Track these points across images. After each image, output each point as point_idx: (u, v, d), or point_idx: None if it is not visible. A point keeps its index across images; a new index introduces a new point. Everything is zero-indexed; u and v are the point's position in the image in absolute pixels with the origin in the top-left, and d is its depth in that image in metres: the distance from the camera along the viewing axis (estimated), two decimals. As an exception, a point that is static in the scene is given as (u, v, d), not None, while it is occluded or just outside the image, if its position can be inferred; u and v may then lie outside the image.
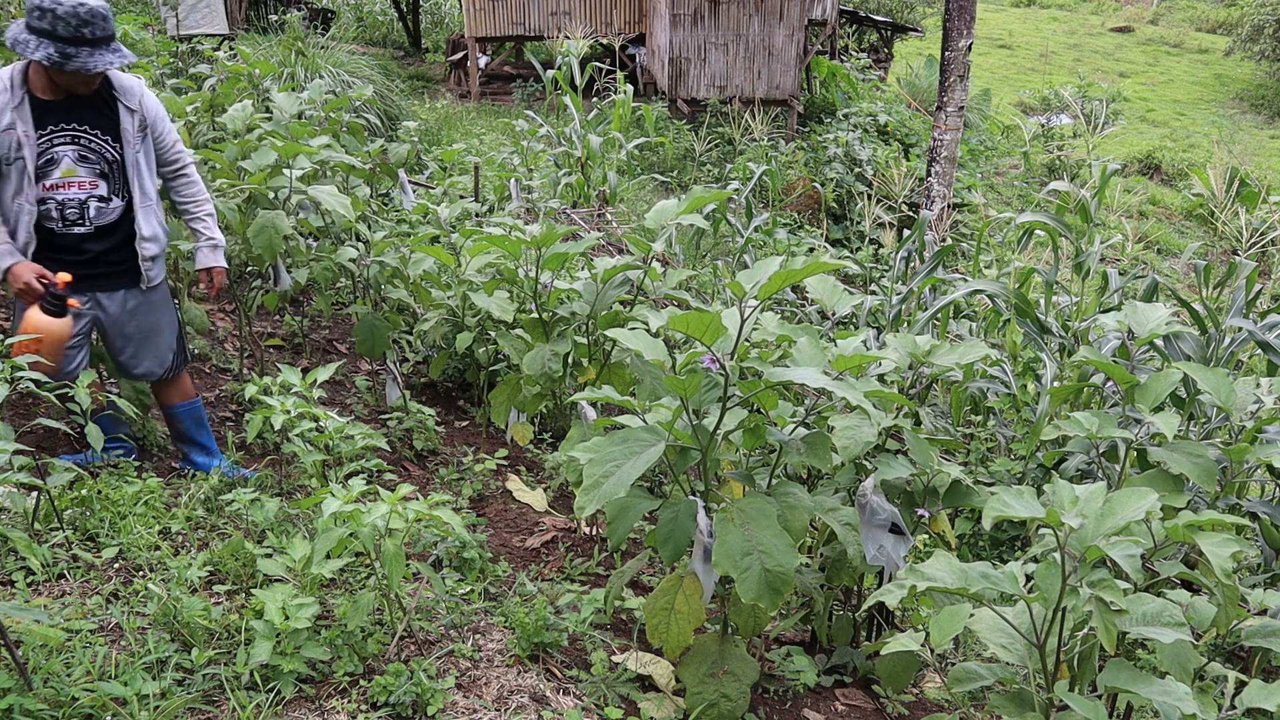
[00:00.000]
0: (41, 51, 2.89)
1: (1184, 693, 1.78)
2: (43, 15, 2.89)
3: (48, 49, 2.89)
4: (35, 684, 2.06)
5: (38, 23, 2.90)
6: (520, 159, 7.70)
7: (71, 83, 3.02)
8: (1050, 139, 15.45)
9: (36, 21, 2.90)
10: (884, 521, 2.53)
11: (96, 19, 2.93)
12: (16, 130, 2.99)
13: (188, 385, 3.54)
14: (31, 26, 2.91)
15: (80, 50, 2.93)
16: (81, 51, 2.93)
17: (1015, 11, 29.02)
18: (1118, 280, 4.73)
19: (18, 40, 2.92)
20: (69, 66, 2.91)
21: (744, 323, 2.24)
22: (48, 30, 2.89)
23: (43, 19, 2.89)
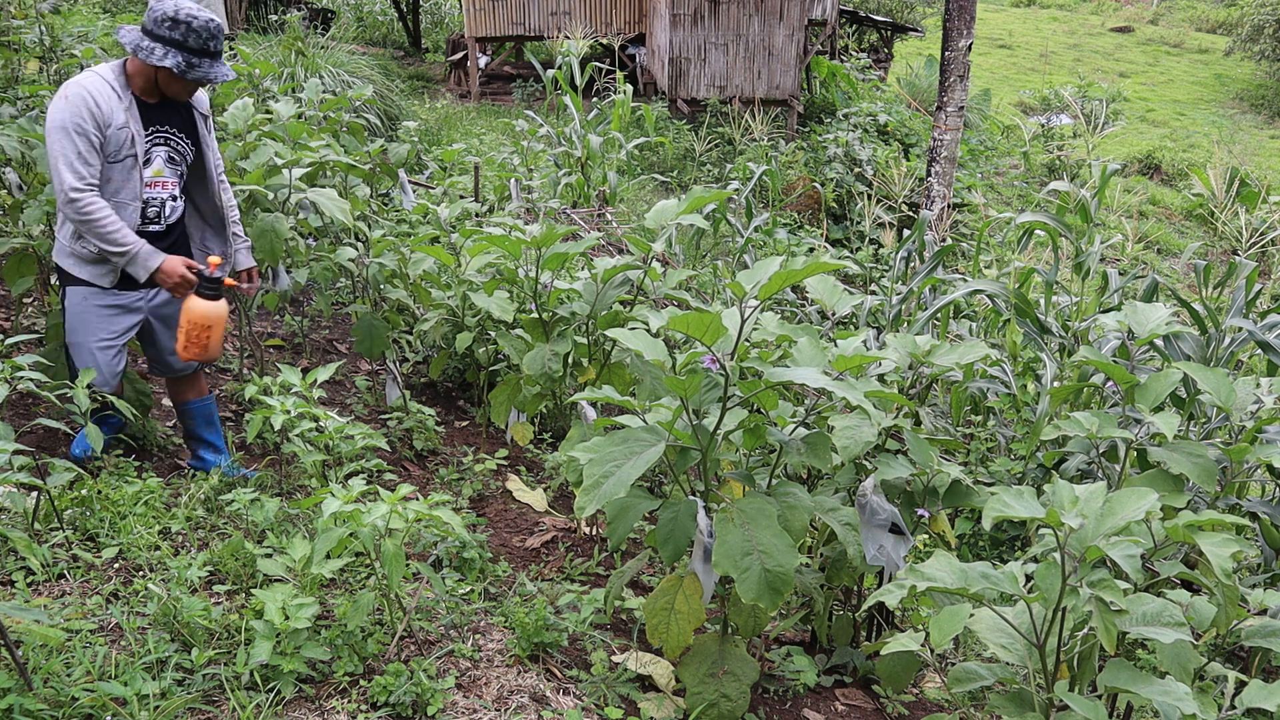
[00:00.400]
0: (171, 59, 3.01)
1: (1184, 693, 1.78)
2: (175, 26, 3.01)
3: (176, 57, 3.02)
4: (35, 684, 2.06)
5: (168, 32, 3.01)
6: (520, 159, 7.70)
7: (178, 90, 3.13)
8: (1050, 139, 15.45)
9: (168, 31, 3.01)
10: (884, 521, 2.53)
11: (220, 35, 3.11)
12: (130, 128, 3.07)
13: (202, 382, 3.56)
14: (158, 35, 3.01)
15: (204, 61, 3.08)
16: (204, 62, 3.08)
17: (1015, 11, 29.02)
18: (1118, 280, 4.73)
19: (140, 46, 3.01)
20: (191, 75, 3.05)
21: (744, 323, 2.24)
22: (178, 41, 3.02)
23: (174, 29, 3.01)
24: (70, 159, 2.95)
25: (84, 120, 2.96)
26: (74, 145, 2.95)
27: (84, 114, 2.96)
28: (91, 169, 2.99)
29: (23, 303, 4.11)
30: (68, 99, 2.96)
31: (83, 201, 2.96)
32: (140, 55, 3.01)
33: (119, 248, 3.04)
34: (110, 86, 3.04)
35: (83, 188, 2.97)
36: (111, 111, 3.02)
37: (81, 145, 2.96)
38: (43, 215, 3.46)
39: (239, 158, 3.86)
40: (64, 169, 2.95)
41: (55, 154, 2.96)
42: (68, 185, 2.95)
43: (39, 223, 3.54)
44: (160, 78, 3.10)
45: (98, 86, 3.01)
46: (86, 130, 2.96)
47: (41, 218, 3.47)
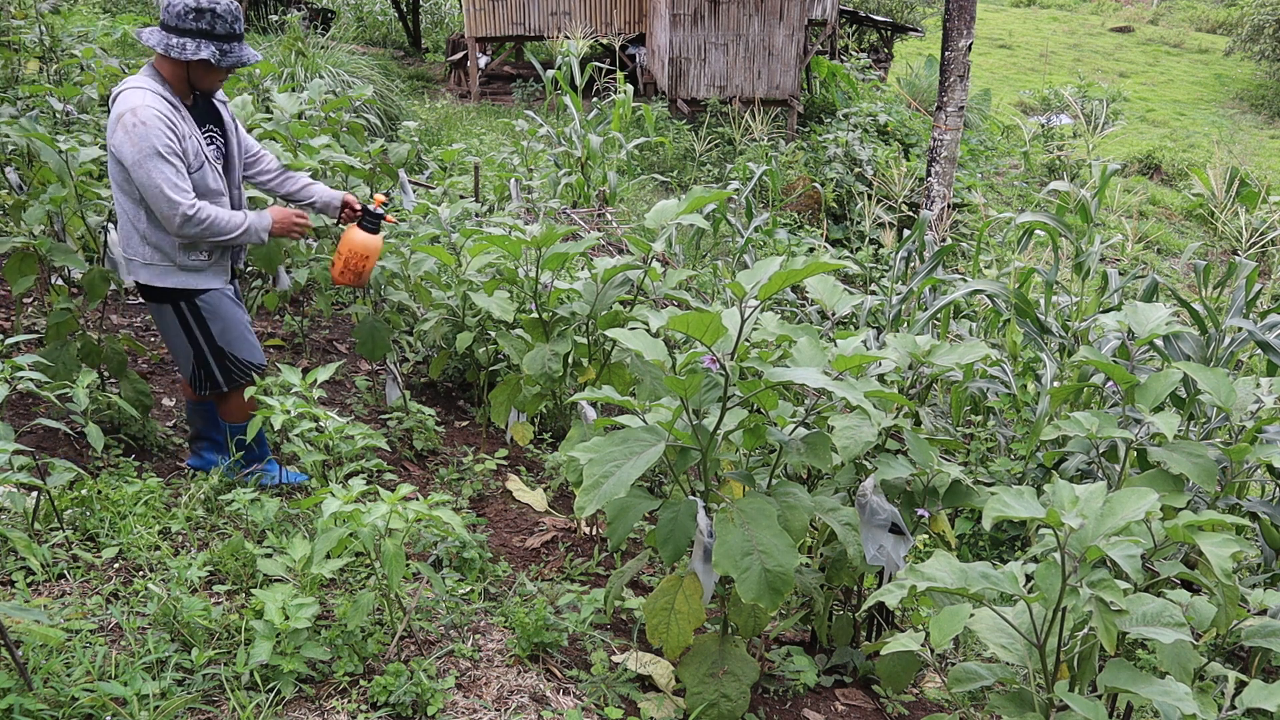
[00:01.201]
0: (206, 50, 2.98)
1: (1184, 693, 1.78)
2: (200, 15, 2.97)
3: (210, 48, 2.99)
4: (35, 684, 2.06)
5: (194, 23, 2.98)
6: (520, 159, 7.70)
7: (212, 81, 3.13)
8: (1050, 139, 15.45)
9: (193, 23, 2.97)
10: (884, 521, 2.53)
11: (241, 16, 3.09)
12: (193, 136, 3.09)
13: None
14: (184, 29, 2.98)
15: (234, 45, 3.06)
16: (235, 46, 3.06)
17: (1015, 11, 29.01)
18: (1118, 280, 4.73)
19: (171, 44, 2.98)
20: (226, 62, 3.03)
21: (744, 323, 2.24)
22: (206, 30, 2.99)
23: (200, 19, 2.98)
24: (173, 181, 2.96)
25: (171, 141, 2.97)
26: (170, 166, 2.96)
27: (168, 135, 2.96)
28: (188, 183, 3.03)
29: (23, 303, 4.11)
30: (145, 124, 2.92)
31: (199, 213, 3.01)
32: (173, 54, 2.97)
33: (237, 230, 3.13)
34: (166, 100, 3.02)
35: (195, 202, 3.01)
36: (179, 124, 3.03)
37: (177, 164, 2.98)
38: (44, 215, 3.46)
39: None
40: (170, 193, 2.95)
41: (156, 182, 2.94)
42: (182, 206, 2.97)
43: (40, 222, 3.54)
44: (194, 73, 3.07)
45: (160, 105, 2.98)
46: (175, 149, 2.98)
47: (43, 217, 3.47)
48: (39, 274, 3.71)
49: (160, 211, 2.99)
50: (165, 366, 4.44)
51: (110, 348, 3.48)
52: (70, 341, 3.39)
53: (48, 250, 3.42)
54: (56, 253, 3.43)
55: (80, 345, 3.42)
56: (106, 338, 3.49)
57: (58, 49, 5.77)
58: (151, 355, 4.44)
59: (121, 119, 2.93)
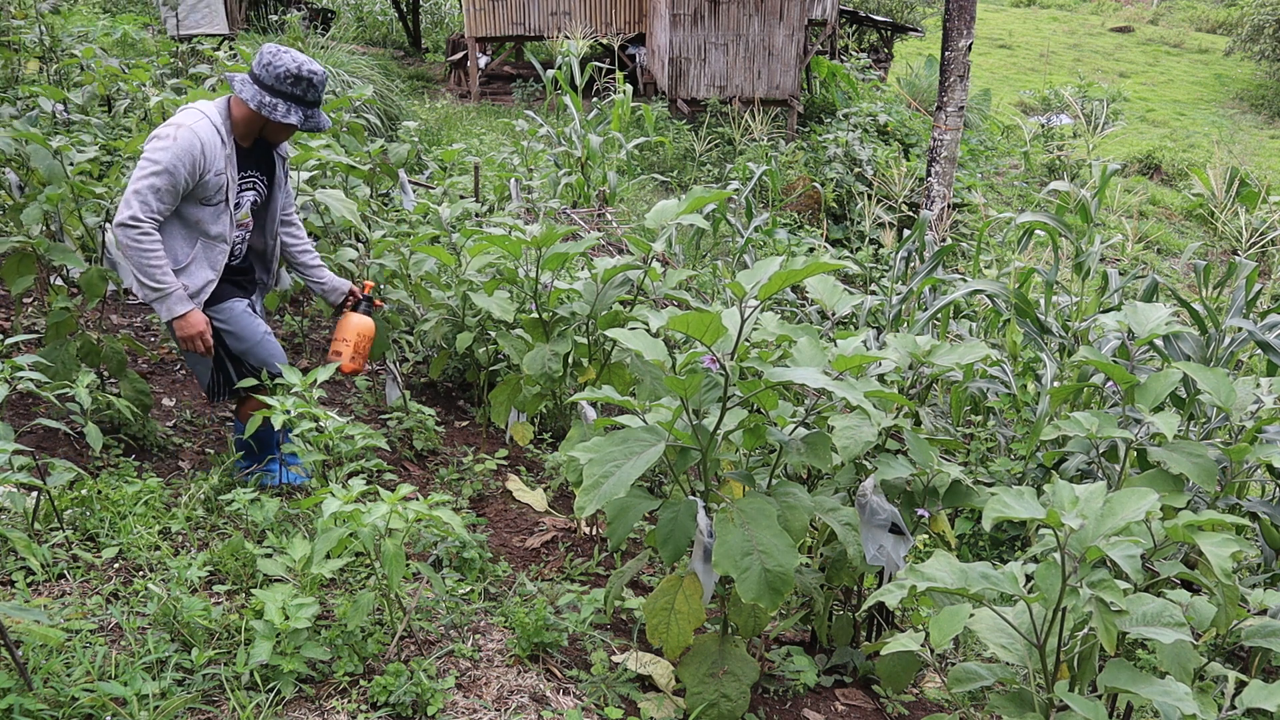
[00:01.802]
0: (295, 116, 3.12)
1: (1184, 693, 1.78)
2: (297, 83, 3.10)
3: (299, 114, 3.13)
4: (35, 684, 2.06)
5: (290, 88, 3.10)
6: (520, 159, 7.70)
7: (282, 137, 3.26)
8: (1050, 139, 15.45)
9: (289, 87, 3.10)
10: (884, 521, 2.53)
11: (325, 81, 3.21)
12: (226, 174, 3.14)
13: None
14: (280, 90, 3.10)
15: (316, 112, 3.20)
16: (316, 113, 3.20)
17: (1015, 11, 29.02)
18: (1118, 280, 4.73)
19: (264, 103, 3.09)
20: (307, 126, 3.16)
21: (744, 323, 2.24)
22: (299, 96, 3.12)
23: (297, 85, 3.11)
24: (145, 192, 2.98)
25: (182, 165, 3.00)
26: (159, 181, 2.99)
27: (186, 161, 3.00)
28: (163, 207, 3.03)
29: (22, 303, 4.11)
30: (175, 141, 2.99)
31: (139, 231, 3.00)
32: (264, 112, 3.08)
33: (155, 284, 3.06)
34: (218, 133, 3.10)
35: (145, 220, 3.00)
36: (215, 159, 3.08)
37: (164, 183, 3.00)
38: (42, 215, 3.46)
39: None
40: (134, 197, 2.98)
41: (138, 179, 2.98)
42: (132, 211, 2.98)
43: (38, 223, 3.54)
44: (270, 128, 3.19)
45: (208, 135, 3.05)
46: (179, 176, 3.01)
47: (41, 217, 3.47)
48: (38, 274, 3.70)
49: (122, 206, 3.01)
50: (165, 366, 4.44)
51: (110, 347, 3.48)
52: (70, 341, 3.39)
53: (46, 250, 3.42)
54: (55, 252, 3.43)
55: (80, 345, 3.42)
56: (106, 338, 3.49)
57: (58, 49, 5.78)
58: (151, 355, 4.44)
59: (167, 124, 3.05)
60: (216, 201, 3.15)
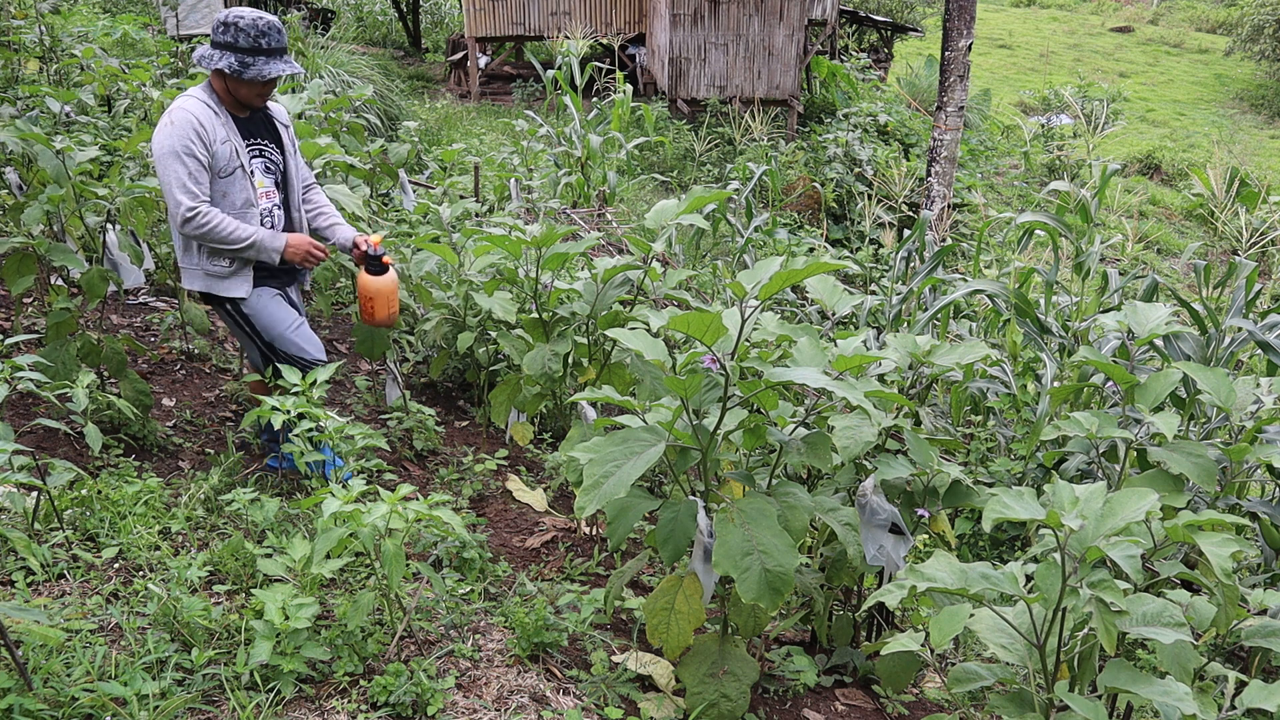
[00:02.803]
0: (224, 61, 3.13)
1: (1184, 693, 1.78)
2: (226, 29, 3.12)
3: (229, 58, 3.14)
4: (35, 684, 2.06)
5: (221, 36, 3.14)
6: (520, 159, 7.70)
7: (248, 95, 3.24)
8: (1050, 139, 15.45)
9: (220, 36, 3.14)
10: (884, 521, 2.53)
11: (272, 31, 3.17)
12: (231, 141, 3.22)
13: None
14: (215, 41, 3.16)
15: (257, 59, 3.16)
16: (258, 60, 3.16)
17: (1015, 11, 29.01)
18: (1118, 280, 4.73)
19: (203, 56, 3.17)
20: (246, 74, 3.14)
21: (744, 323, 2.24)
22: (230, 43, 3.13)
23: (225, 33, 3.13)
24: (182, 180, 3.10)
25: (191, 142, 3.10)
26: (184, 167, 3.10)
27: (191, 136, 3.10)
28: (202, 187, 3.15)
29: (22, 303, 4.11)
30: (173, 124, 3.11)
31: (198, 216, 3.13)
32: (202, 65, 3.17)
33: (243, 242, 3.20)
34: (207, 105, 3.19)
35: (196, 205, 3.12)
36: (214, 128, 3.17)
37: (191, 166, 3.11)
38: (43, 215, 3.45)
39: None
40: (177, 192, 3.10)
41: (168, 179, 3.11)
42: (183, 206, 3.11)
43: (39, 223, 3.54)
44: (229, 85, 3.22)
45: (197, 108, 3.16)
46: (194, 151, 3.11)
47: (42, 217, 3.47)
48: (38, 274, 3.70)
49: (169, 209, 3.14)
50: (165, 366, 4.44)
51: (110, 348, 3.48)
52: (70, 341, 3.39)
53: (46, 250, 3.42)
54: (55, 253, 3.43)
55: (80, 345, 3.42)
56: (106, 338, 3.49)
57: (58, 49, 5.78)
58: (151, 355, 4.44)
59: (161, 119, 3.14)
60: (232, 170, 3.22)
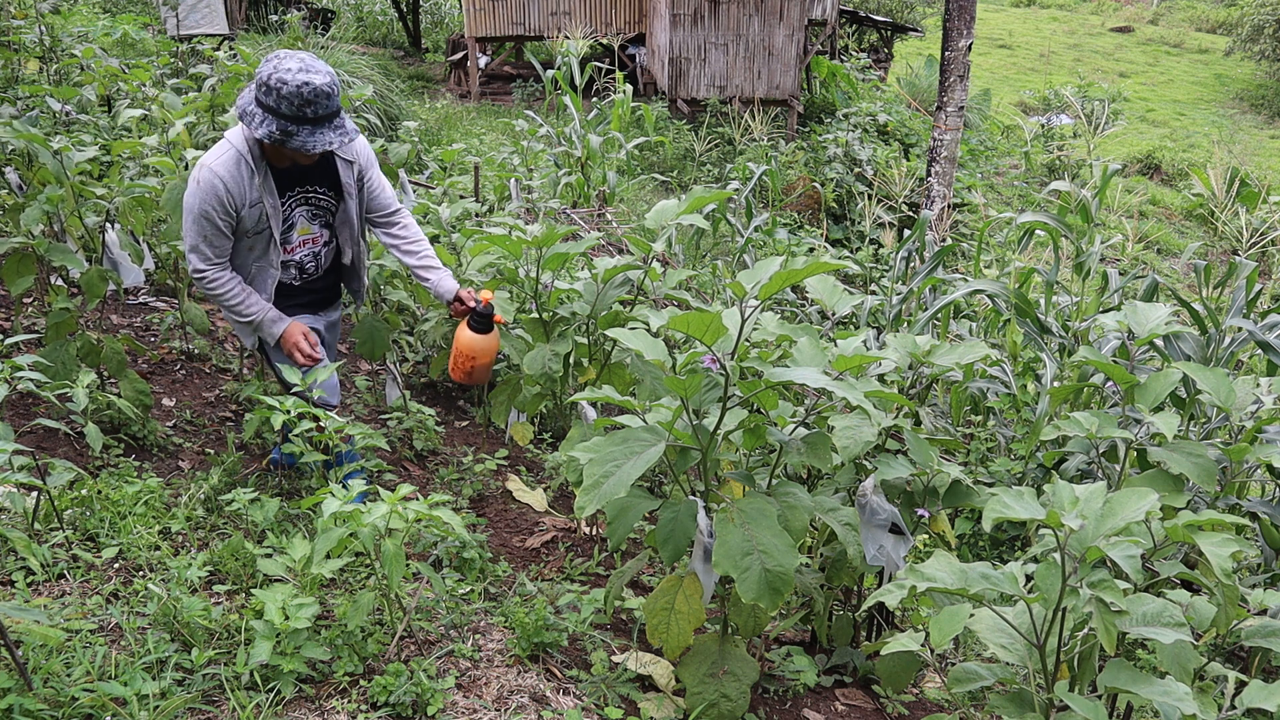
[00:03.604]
0: (263, 129, 2.85)
1: (1184, 693, 1.78)
2: (268, 92, 2.84)
3: (270, 126, 2.85)
4: (35, 684, 2.06)
5: (264, 98, 2.85)
6: (520, 159, 7.69)
7: (289, 159, 3.04)
8: (1050, 139, 15.45)
9: (263, 97, 2.85)
10: (884, 521, 2.53)
11: (320, 99, 2.85)
12: (264, 203, 3.05)
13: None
14: (260, 100, 2.87)
15: (301, 129, 2.87)
16: (302, 130, 2.87)
17: (1015, 11, 29.01)
18: (1118, 280, 4.73)
19: (245, 112, 2.89)
20: (289, 145, 2.87)
21: (744, 323, 2.24)
22: (272, 107, 2.84)
23: (268, 96, 2.84)
24: (196, 243, 3.03)
25: (212, 209, 2.96)
26: (201, 230, 3.00)
27: (213, 202, 2.95)
28: (217, 249, 3.05)
29: (22, 303, 4.11)
30: (199, 184, 2.94)
31: (207, 280, 3.08)
32: (244, 122, 2.89)
33: (244, 317, 3.15)
34: (242, 163, 2.97)
35: (205, 269, 3.06)
36: (242, 194, 2.98)
37: (209, 230, 3.00)
38: (42, 215, 3.46)
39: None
40: (191, 254, 3.05)
41: (186, 234, 3.04)
42: (194, 267, 3.07)
43: (39, 223, 3.54)
44: (267, 147, 3.00)
45: (228, 170, 2.94)
46: (214, 217, 2.98)
47: (41, 217, 3.47)
48: (38, 274, 3.70)
49: (187, 262, 3.10)
50: (165, 366, 4.44)
51: (110, 348, 3.48)
52: (70, 341, 3.39)
53: (46, 250, 3.42)
54: (55, 253, 3.43)
55: (80, 345, 3.42)
56: (106, 338, 3.49)
57: (58, 49, 5.78)
58: (151, 355, 4.44)
59: (193, 170, 3.00)
60: (260, 230, 3.09)
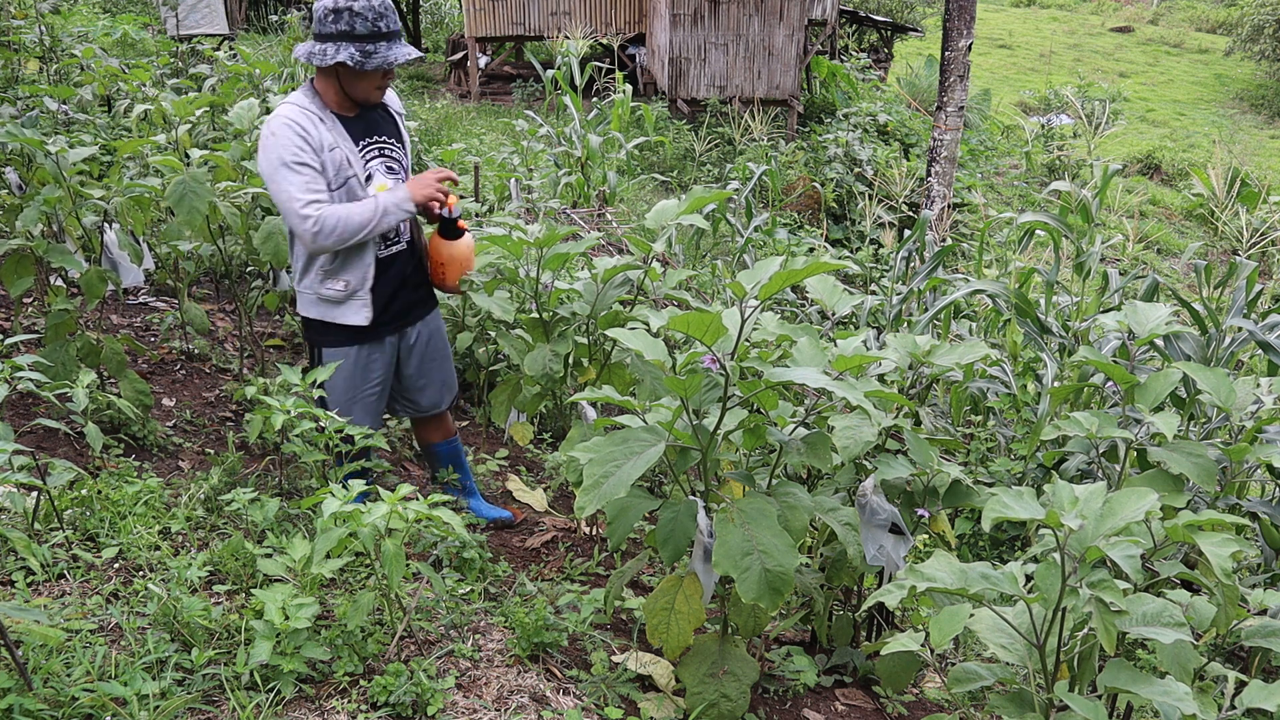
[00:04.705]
0: (344, 53, 2.77)
1: (1184, 693, 1.78)
2: (338, 16, 2.77)
3: (349, 49, 2.78)
4: (35, 684, 2.06)
5: (332, 26, 2.78)
6: (520, 159, 7.70)
7: (366, 90, 2.91)
8: (1050, 139, 15.45)
9: (331, 25, 2.78)
10: (884, 521, 2.53)
11: (389, 11, 2.83)
12: (341, 148, 2.89)
13: (449, 423, 3.51)
14: (325, 34, 2.80)
15: (379, 45, 2.81)
16: (380, 46, 2.81)
17: (1015, 11, 29.02)
18: (1118, 280, 4.73)
19: (313, 53, 2.81)
20: (370, 64, 2.80)
21: (744, 323, 2.24)
22: (345, 31, 2.78)
23: (338, 20, 2.77)
24: (296, 194, 2.80)
25: (300, 150, 2.80)
26: (301, 178, 2.80)
27: (298, 143, 2.80)
28: (319, 188, 2.83)
29: (22, 303, 4.11)
30: (274, 135, 2.80)
31: (313, 221, 2.79)
32: (315, 61, 2.81)
33: (371, 217, 2.87)
34: (308, 111, 2.86)
35: (313, 212, 2.80)
36: (319, 136, 2.84)
37: (306, 175, 2.81)
38: (41, 216, 3.45)
39: (242, 158, 3.86)
40: (299, 205, 2.79)
41: (283, 196, 2.80)
42: (309, 220, 2.79)
43: (37, 223, 3.54)
44: (344, 81, 2.88)
45: (297, 114, 2.84)
46: (305, 159, 2.81)
47: (40, 218, 3.47)
48: (37, 275, 3.70)
49: (293, 227, 2.85)
50: (165, 366, 4.44)
51: (110, 348, 3.48)
52: (70, 341, 3.39)
53: (45, 251, 3.42)
54: (53, 253, 3.43)
55: (80, 345, 3.42)
56: (106, 338, 3.49)
57: (58, 49, 5.78)
58: (151, 355, 4.44)
59: (260, 133, 2.85)
60: (345, 180, 2.91)
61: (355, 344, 3.10)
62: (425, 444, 3.52)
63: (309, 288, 3.04)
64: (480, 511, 3.59)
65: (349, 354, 3.10)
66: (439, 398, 3.41)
